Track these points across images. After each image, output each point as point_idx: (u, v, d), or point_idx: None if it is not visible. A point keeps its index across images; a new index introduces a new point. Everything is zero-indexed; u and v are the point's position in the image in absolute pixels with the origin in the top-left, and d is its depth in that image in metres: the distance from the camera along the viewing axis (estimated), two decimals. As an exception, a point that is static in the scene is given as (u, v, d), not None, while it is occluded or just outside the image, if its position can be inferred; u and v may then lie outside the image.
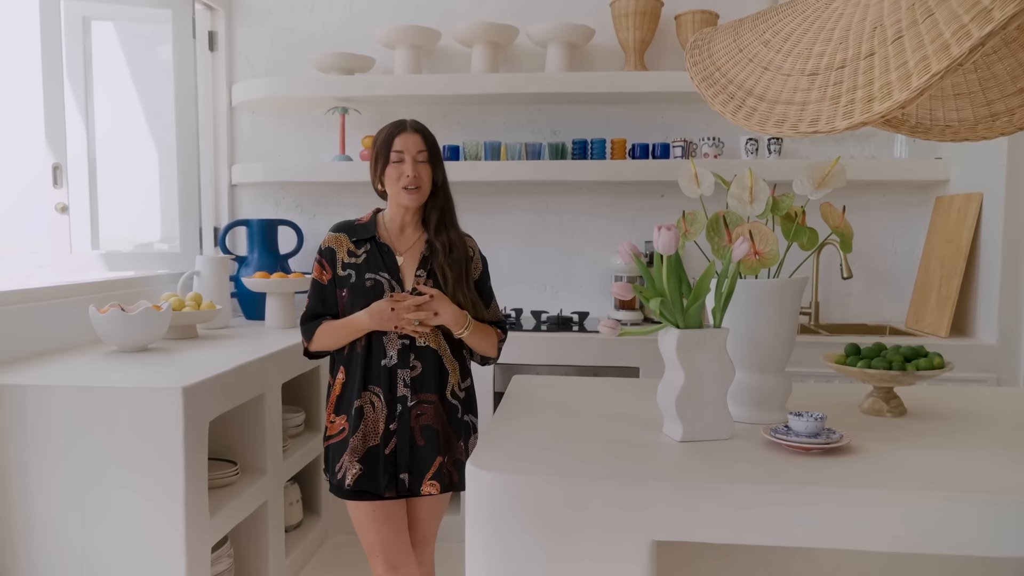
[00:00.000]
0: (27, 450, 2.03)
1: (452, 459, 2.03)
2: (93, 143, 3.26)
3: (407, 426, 1.99)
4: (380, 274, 2.01)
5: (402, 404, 1.99)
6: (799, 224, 1.67)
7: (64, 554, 2.04)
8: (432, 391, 2.01)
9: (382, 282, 2.00)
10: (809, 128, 1.47)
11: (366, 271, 2.02)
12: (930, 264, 3.24)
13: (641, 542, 1.28)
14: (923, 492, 1.25)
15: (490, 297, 2.16)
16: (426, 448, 2.00)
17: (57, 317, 2.55)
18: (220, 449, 2.53)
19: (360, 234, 2.07)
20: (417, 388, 2.00)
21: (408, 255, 2.06)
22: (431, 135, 2.06)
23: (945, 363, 1.71)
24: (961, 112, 1.57)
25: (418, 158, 2.01)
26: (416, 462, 2.00)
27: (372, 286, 2.00)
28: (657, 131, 3.50)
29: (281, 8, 3.63)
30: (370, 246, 2.05)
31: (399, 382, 1.99)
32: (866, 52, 1.48)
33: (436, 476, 2.00)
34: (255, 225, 3.47)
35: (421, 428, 2.00)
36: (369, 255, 2.04)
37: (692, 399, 1.50)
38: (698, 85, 1.62)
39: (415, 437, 2.00)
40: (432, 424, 2.00)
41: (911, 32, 1.45)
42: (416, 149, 2.01)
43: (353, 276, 2.02)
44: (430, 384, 2.01)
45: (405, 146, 2.00)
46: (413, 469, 2.00)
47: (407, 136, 2.02)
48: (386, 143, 2.02)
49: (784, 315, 1.64)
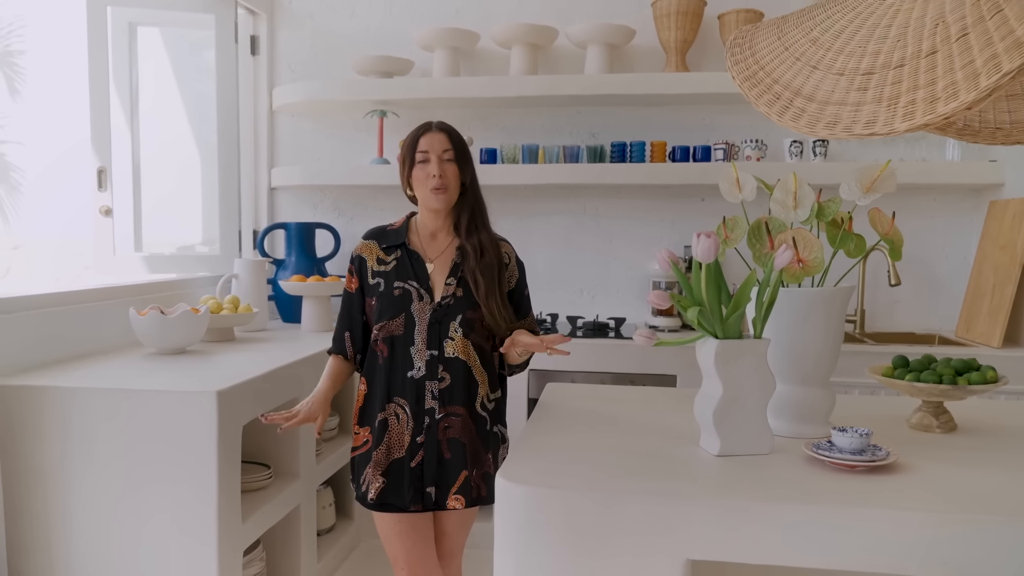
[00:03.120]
0: (67, 451, 2.05)
1: (480, 472, 1.97)
2: (138, 147, 3.31)
3: (434, 439, 1.94)
4: (409, 282, 1.97)
5: (430, 416, 1.94)
6: (845, 230, 1.61)
7: (100, 553, 2.06)
8: (460, 403, 1.95)
9: (411, 290, 1.96)
10: (865, 130, 1.41)
11: (395, 279, 1.98)
12: (982, 271, 3.12)
13: (675, 561, 1.24)
14: (975, 515, 1.18)
15: (529, 306, 2.09)
16: (452, 461, 1.95)
17: (99, 319, 2.59)
18: (254, 452, 2.54)
19: (391, 240, 2.03)
20: (445, 400, 1.94)
21: (439, 262, 2.01)
22: (457, 134, 2.02)
23: (999, 377, 1.63)
24: (1014, 114, 1.49)
25: (444, 157, 1.97)
26: (443, 475, 1.95)
27: (400, 295, 1.96)
28: (698, 133, 3.44)
29: (322, 11, 3.65)
30: (400, 253, 2.01)
31: (427, 394, 1.94)
32: (927, 50, 1.42)
33: (461, 490, 1.95)
34: (293, 228, 3.49)
35: (448, 441, 1.95)
36: (399, 263, 2.00)
37: (731, 412, 1.45)
38: (740, 85, 1.57)
39: (442, 450, 1.95)
40: (459, 437, 1.95)
41: (977, 29, 1.38)
42: (441, 148, 1.97)
43: (382, 284, 1.99)
44: (459, 396, 1.95)
45: (430, 145, 1.97)
46: (440, 482, 1.95)
47: (432, 135, 1.98)
48: (412, 145, 1.99)
49: (829, 325, 1.58)
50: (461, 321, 1.94)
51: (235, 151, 3.47)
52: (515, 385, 3.07)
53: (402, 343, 1.95)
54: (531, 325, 2.08)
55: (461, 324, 1.94)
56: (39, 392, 2.05)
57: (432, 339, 1.94)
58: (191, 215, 3.58)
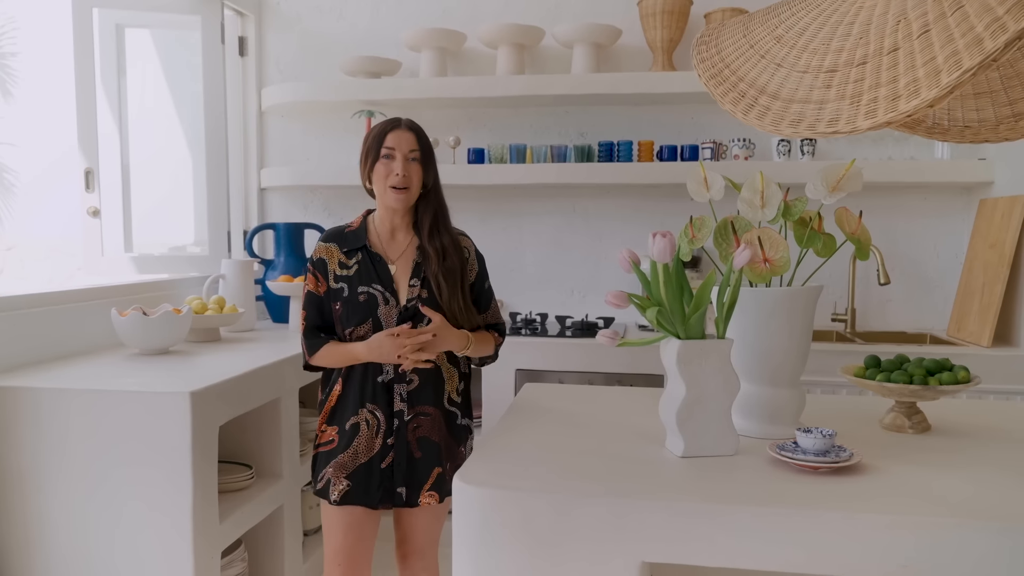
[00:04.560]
0: (42, 452, 2.05)
1: (454, 466, 1.98)
2: (127, 148, 3.32)
3: (404, 439, 1.95)
4: (373, 287, 1.95)
5: (399, 419, 1.95)
6: (813, 229, 1.60)
7: (77, 555, 2.06)
8: (429, 403, 1.96)
9: (376, 295, 1.95)
10: (828, 128, 1.40)
11: (359, 284, 1.96)
12: (973, 270, 3.10)
13: (630, 563, 1.23)
14: (931, 517, 1.17)
15: (489, 298, 2.08)
16: (423, 460, 1.95)
17: (83, 320, 2.59)
18: (236, 453, 2.54)
19: (351, 243, 2.01)
20: (414, 401, 1.95)
21: (400, 262, 1.99)
22: (425, 135, 2.00)
23: (972, 377, 1.62)
24: (982, 112, 1.48)
25: (410, 156, 1.94)
26: (413, 474, 1.95)
27: (366, 300, 1.94)
28: (686, 133, 3.42)
29: (310, 13, 3.65)
30: (361, 256, 1.99)
31: (396, 397, 1.95)
32: (889, 47, 1.41)
33: (435, 487, 1.96)
34: (281, 229, 3.49)
35: (419, 440, 1.96)
36: (361, 266, 1.98)
37: (694, 413, 1.44)
38: (706, 83, 1.56)
39: (412, 450, 1.95)
40: (430, 435, 1.96)
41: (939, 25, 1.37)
42: (408, 147, 1.94)
43: (346, 290, 1.96)
44: (427, 396, 1.96)
45: (397, 143, 1.94)
46: (411, 481, 1.95)
47: (400, 133, 1.95)
48: (378, 138, 1.95)
49: (796, 325, 1.57)
50: (428, 323, 1.93)
51: (223, 152, 3.47)
52: (500, 385, 3.07)
53: None
54: (494, 318, 2.08)
55: (428, 325, 1.93)
56: (12, 393, 2.06)
57: None
58: (183, 216, 3.58)
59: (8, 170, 5.89)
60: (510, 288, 3.62)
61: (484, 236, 3.59)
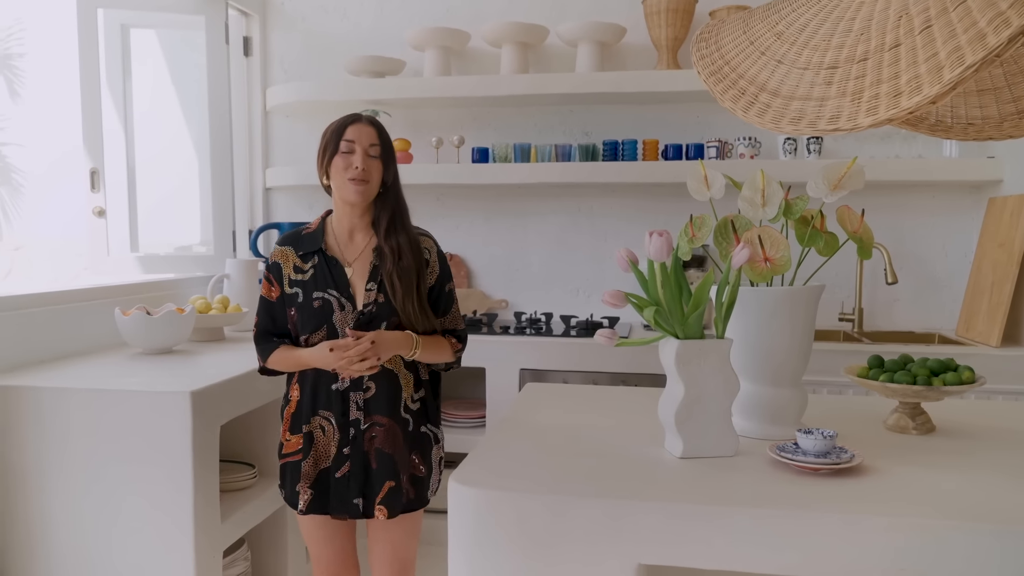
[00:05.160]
0: (44, 451, 2.06)
1: (409, 477, 1.92)
2: (132, 148, 3.33)
3: (360, 449, 1.90)
4: (329, 292, 1.89)
5: (355, 427, 1.89)
6: (815, 228, 1.58)
7: (78, 554, 2.06)
8: (383, 412, 1.90)
9: (331, 300, 1.89)
10: (829, 125, 1.38)
11: (314, 289, 1.90)
12: (982, 269, 3.06)
13: (626, 565, 1.22)
14: (932, 520, 1.15)
15: (449, 303, 1.99)
16: (378, 471, 1.89)
17: (86, 319, 2.60)
18: (239, 452, 2.54)
19: (307, 246, 1.94)
20: (370, 410, 1.90)
21: (357, 265, 1.93)
22: (385, 131, 1.94)
23: (977, 377, 1.59)
24: (985, 109, 1.46)
25: (370, 151, 1.88)
26: (369, 486, 1.90)
27: (321, 306, 1.88)
28: (692, 131, 3.40)
29: (314, 12, 3.65)
30: (317, 259, 1.92)
31: (352, 405, 1.89)
32: (891, 43, 1.39)
33: (384, 501, 1.89)
34: (286, 228, 3.48)
35: (375, 451, 1.90)
36: (316, 271, 1.91)
37: (693, 413, 1.43)
38: (706, 80, 1.54)
39: (369, 460, 1.90)
40: (383, 447, 1.90)
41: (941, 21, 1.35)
42: (368, 142, 1.88)
43: (300, 295, 1.90)
44: (382, 404, 1.90)
45: (357, 137, 1.87)
46: (367, 492, 1.90)
47: (360, 127, 1.89)
48: (337, 132, 1.89)
49: (798, 324, 1.55)
50: (385, 328, 1.87)
51: (228, 152, 3.48)
52: (504, 386, 3.05)
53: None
54: (453, 323, 2.00)
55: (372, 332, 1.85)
56: (15, 392, 2.06)
57: None
58: (189, 216, 3.59)
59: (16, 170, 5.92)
60: (515, 288, 3.61)
61: (488, 236, 3.58)
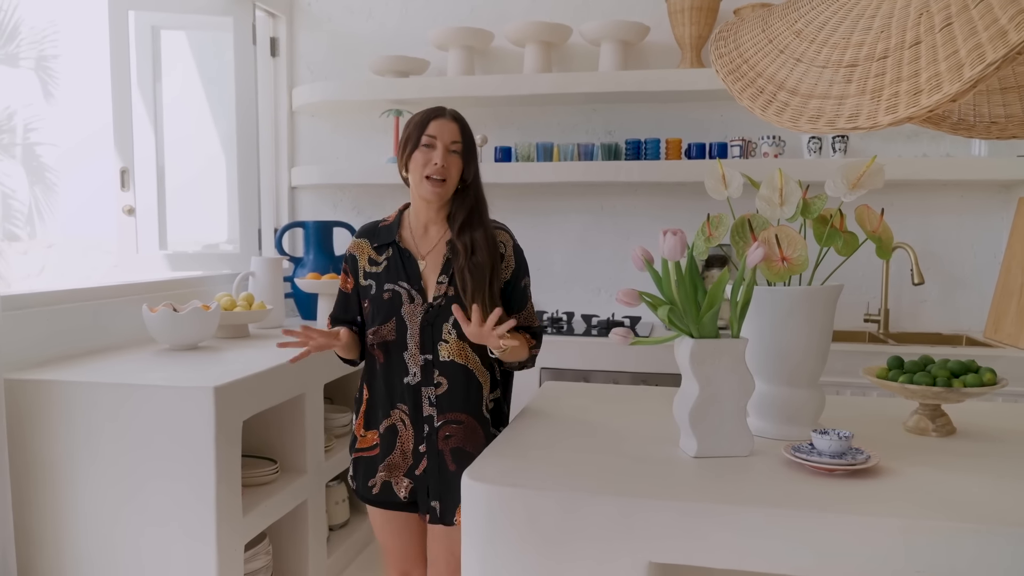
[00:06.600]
0: (73, 444, 2.10)
1: None
2: (162, 147, 3.38)
3: (435, 448, 1.85)
4: (400, 284, 1.88)
5: (428, 424, 1.85)
6: (833, 227, 1.57)
7: (103, 543, 2.11)
8: (461, 409, 1.85)
9: (401, 292, 1.87)
10: (848, 124, 1.37)
11: (385, 281, 1.90)
12: (1011, 270, 3.01)
13: (638, 563, 1.22)
14: (947, 522, 1.14)
15: (524, 299, 1.95)
16: (457, 474, 1.77)
17: (115, 316, 2.65)
18: (260, 447, 2.58)
19: (382, 238, 1.95)
20: (444, 407, 1.84)
21: (431, 258, 1.91)
22: (468, 128, 1.90)
23: (998, 379, 1.57)
24: (1009, 107, 1.43)
25: (451, 148, 1.85)
26: (448, 489, 1.83)
27: (390, 298, 1.88)
28: (715, 130, 3.38)
29: (340, 13, 3.69)
30: (392, 251, 1.92)
31: (424, 400, 1.85)
32: (911, 41, 1.38)
33: None
34: (311, 227, 3.52)
35: (452, 451, 1.84)
36: (390, 263, 1.91)
37: (708, 413, 1.43)
38: (724, 79, 1.54)
39: (445, 461, 1.84)
40: (464, 446, 1.84)
41: (962, 18, 1.33)
42: (451, 138, 1.85)
43: (373, 287, 1.91)
44: (458, 402, 1.85)
45: (439, 132, 1.84)
46: (444, 496, 1.84)
47: (443, 123, 1.86)
48: (419, 126, 1.86)
49: (815, 324, 1.54)
50: (455, 322, 1.82)
51: (254, 151, 3.52)
52: (526, 384, 3.06)
53: (396, 348, 1.87)
54: (527, 320, 1.95)
55: (455, 326, 1.83)
56: (46, 386, 2.11)
57: (425, 343, 1.85)
58: (216, 214, 3.65)
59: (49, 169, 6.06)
60: (537, 287, 3.60)
61: (511, 234, 3.59)
